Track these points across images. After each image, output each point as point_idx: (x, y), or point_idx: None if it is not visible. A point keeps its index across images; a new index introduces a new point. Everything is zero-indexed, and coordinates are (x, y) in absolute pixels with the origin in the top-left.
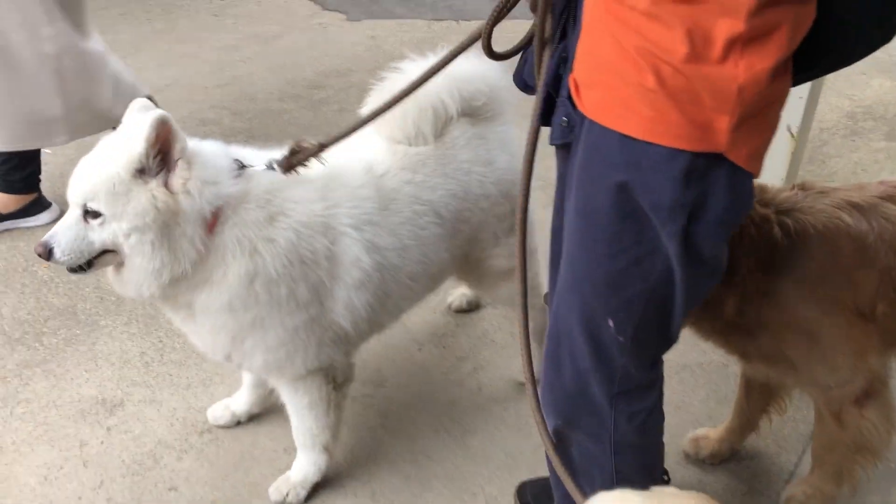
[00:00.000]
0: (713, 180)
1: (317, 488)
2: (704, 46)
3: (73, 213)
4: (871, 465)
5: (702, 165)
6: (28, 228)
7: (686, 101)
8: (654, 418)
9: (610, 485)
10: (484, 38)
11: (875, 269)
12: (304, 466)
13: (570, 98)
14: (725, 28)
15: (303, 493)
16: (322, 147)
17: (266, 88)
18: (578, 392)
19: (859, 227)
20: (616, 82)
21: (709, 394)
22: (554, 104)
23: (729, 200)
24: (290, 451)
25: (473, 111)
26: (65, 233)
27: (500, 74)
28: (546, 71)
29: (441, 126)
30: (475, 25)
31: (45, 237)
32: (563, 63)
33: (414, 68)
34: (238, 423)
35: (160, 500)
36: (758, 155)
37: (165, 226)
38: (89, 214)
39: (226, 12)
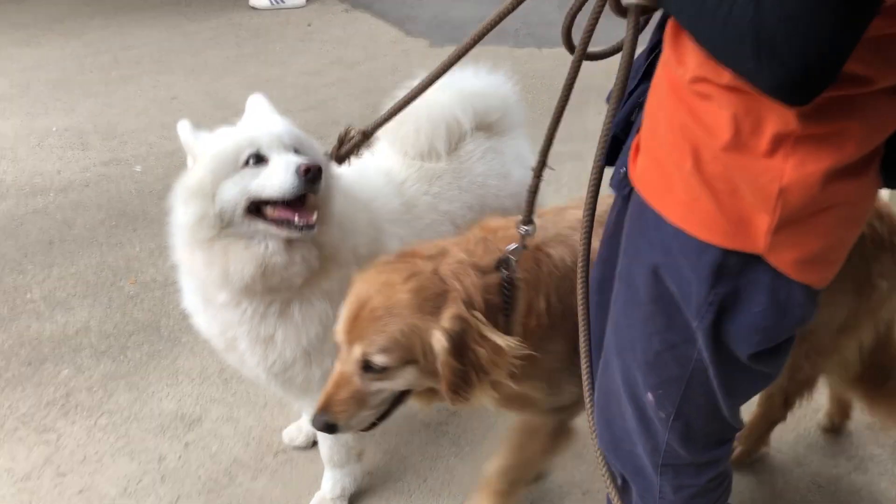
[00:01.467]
0: (749, 282)
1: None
2: (751, 135)
3: None
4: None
5: (735, 264)
6: (118, 245)
7: (722, 192)
8: (708, 496)
9: None
10: (563, 33)
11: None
12: (341, 479)
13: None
14: (776, 121)
15: (349, 491)
16: (366, 135)
17: (349, 113)
18: (627, 450)
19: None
20: (662, 156)
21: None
22: (620, 146)
23: (768, 307)
24: (365, 473)
25: (487, 126)
26: None
27: (512, 89)
28: (618, 113)
29: (454, 142)
30: (557, 52)
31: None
32: (637, 109)
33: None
34: (313, 445)
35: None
36: (813, 262)
37: None
38: None
39: (312, 37)
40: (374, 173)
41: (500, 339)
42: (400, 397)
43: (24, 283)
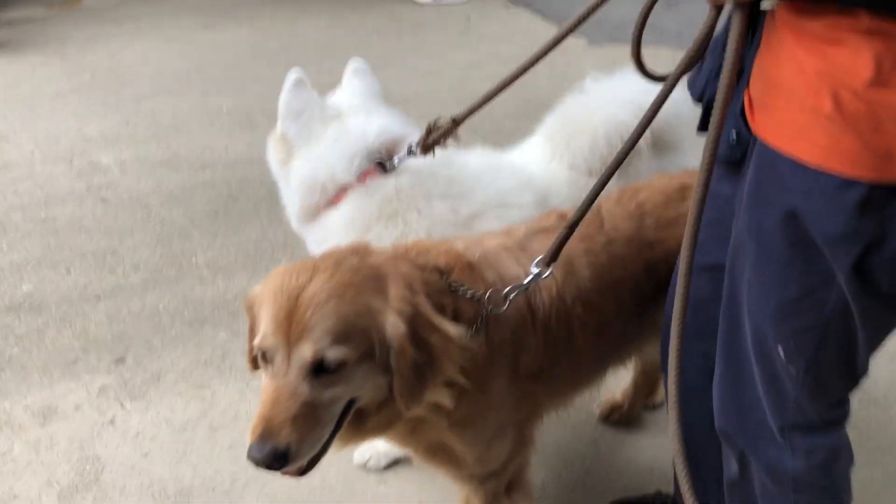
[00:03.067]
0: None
1: None
2: (892, 72)
3: None
4: None
5: (880, 197)
6: (278, 221)
7: (866, 129)
8: (839, 459)
9: None
10: (633, 51)
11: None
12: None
13: (742, 114)
14: None
15: (384, 462)
16: (456, 123)
17: (503, 107)
18: (756, 420)
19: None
20: (792, 105)
21: None
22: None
23: None
24: None
25: (662, 144)
26: None
27: (691, 107)
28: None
29: (629, 160)
30: None
31: None
32: (738, 75)
33: (596, 89)
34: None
35: (371, 492)
36: None
37: None
38: None
39: (471, 32)
40: (507, 170)
41: (450, 327)
42: (346, 409)
43: (190, 249)
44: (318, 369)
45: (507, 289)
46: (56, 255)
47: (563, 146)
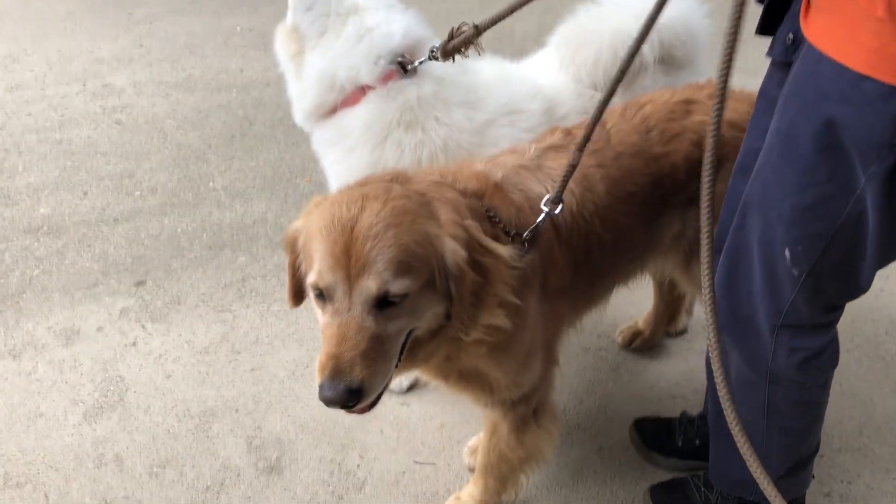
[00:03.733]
0: None
1: None
2: None
3: None
4: (535, 470)
5: None
6: (295, 144)
7: None
8: (818, 362)
9: (761, 414)
10: None
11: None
12: None
13: (798, 16)
14: None
15: (406, 384)
16: (479, 30)
17: (524, 27)
18: (745, 315)
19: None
20: (846, 8)
21: None
22: (777, 13)
23: None
24: None
25: (670, 59)
26: None
27: (701, 19)
28: None
29: (633, 75)
30: None
31: None
32: None
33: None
34: None
35: (394, 413)
36: None
37: None
38: None
39: None
40: (517, 79)
41: (501, 248)
42: (405, 341)
43: (207, 173)
44: (383, 302)
45: (526, 232)
46: (73, 178)
47: (569, 57)
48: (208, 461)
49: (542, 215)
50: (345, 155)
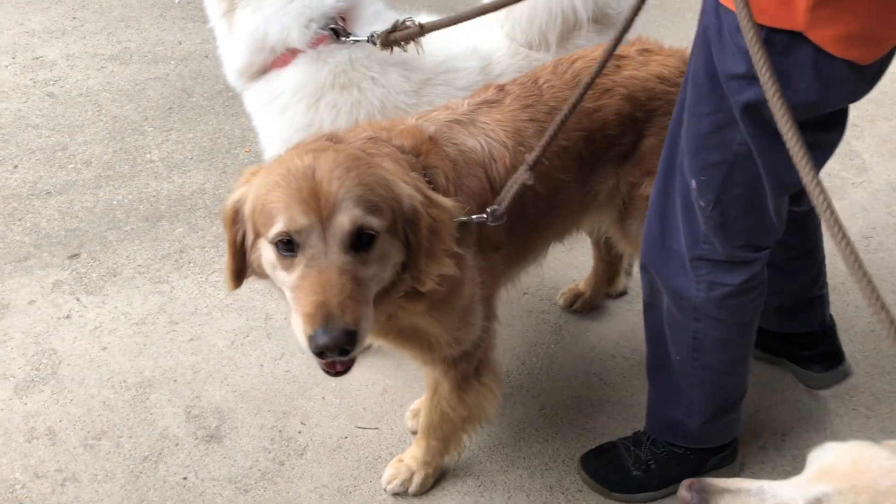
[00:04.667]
0: (795, 61)
1: None
2: None
3: None
4: (478, 430)
5: (780, 42)
6: (234, 115)
7: None
8: (739, 300)
9: (687, 352)
10: None
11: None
12: None
13: None
14: None
15: None
16: (423, 30)
17: None
18: (673, 247)
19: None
20: None
21: None
22: None
23: (812, 83)
24: None
25: (604, 18)
26: None
27: None
28: None
29: (567, 33)
30: None
31: None
32: None
33: None
34: None
35: (335, 380)
36: (853, 39)
37: None
38: None
39: None
40: (466, 66)
41: (445, 200)
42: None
43: (143, 144)
44: (357, 244)
45: (496, 205)
46: (2, 152)
47: (503, 15)
48: (146, 431)
49: (515, 185)
50: (277, 116)
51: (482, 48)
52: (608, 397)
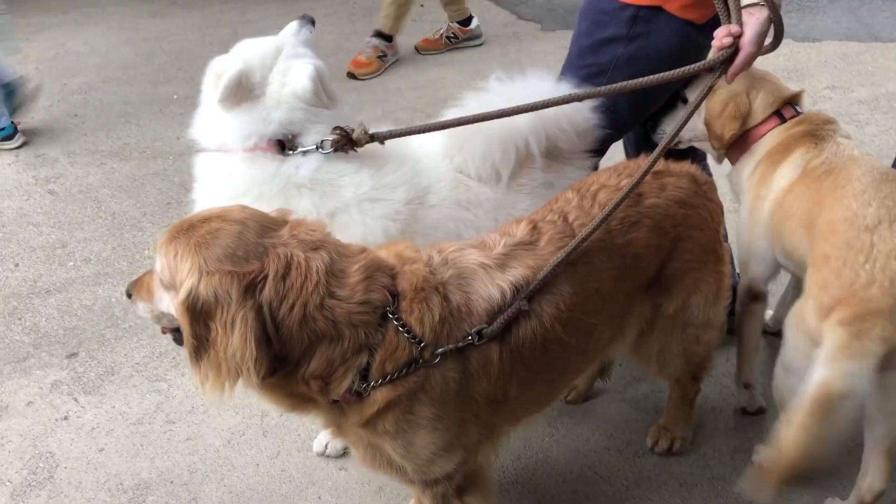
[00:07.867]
0: (655, 24)
1: None
2: None
3: None
4: None
5: (645, 14)
6: None
7: None
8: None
9: None
10: None
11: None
12: None
13: None
14: None
15: (341, 447)
16: (372, 139)
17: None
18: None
19: None
20: None
21: None
22: None
23: (666, 37)
24: None
25: (556, 152)
26: None
27: (589, 115)
28: None
29: (518, 168)
30: None
31: None
32: None
33: (498, 89)
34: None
35: (331, 479)
36: (691, 6)
37: None
38: None
39: (424, 18)
40: (394, 163)
41: (241, 343)
42: None
43: (142, 240)
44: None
45: (442, 349)
46: (3, 250)
47: (456, 147)
48: None
49: (466, 338)
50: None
51: (422, 177)
52: (603, 491)
